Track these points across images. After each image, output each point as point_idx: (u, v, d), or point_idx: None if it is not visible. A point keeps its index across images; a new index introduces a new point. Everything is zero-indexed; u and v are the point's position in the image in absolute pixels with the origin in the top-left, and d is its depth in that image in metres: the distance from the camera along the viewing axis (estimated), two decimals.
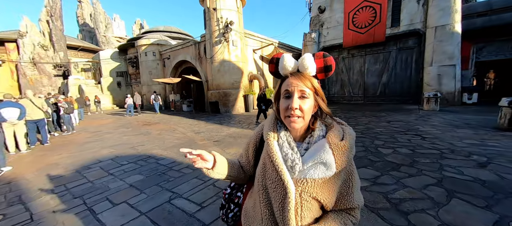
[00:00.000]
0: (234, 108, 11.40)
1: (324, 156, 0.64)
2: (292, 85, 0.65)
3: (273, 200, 0.68)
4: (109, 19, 38.30)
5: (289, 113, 0.65)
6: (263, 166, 0.72)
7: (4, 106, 4.84)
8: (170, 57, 15.27)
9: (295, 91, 0.65)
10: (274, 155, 0.67)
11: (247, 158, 0.85)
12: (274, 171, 0.67)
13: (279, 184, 0.66)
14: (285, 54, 0.69)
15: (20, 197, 2.84)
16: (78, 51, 25.26)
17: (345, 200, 0.69)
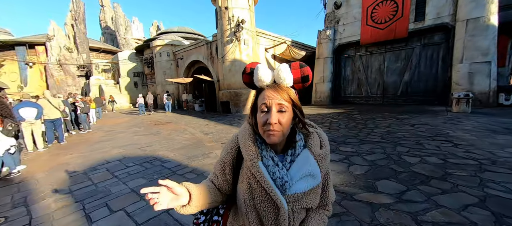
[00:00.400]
0: (245, 108, 11.21)
1: (311, 168, 0.66)
2: (269, 98, 0.63)
3: (265, 219, 0.65)
4: (129, 22, 40.03)
5: (268, 128, 0.62)
6: (249, 186, 0.67)
7: (22, 106, 5.03)
8: (183, 58, 15.46)
9: (273, 105, 0.62)
10: (262, 177, 0.63)
11: (224, 178, 0.75)
12: (263, 191, 0.64)
13: (270, 203, 0.64)
14: (259, 65, 0.67)
15: (26, 199, 2.84)
16: (99, 52, 26.64)
17: (323, 198, 0.75)
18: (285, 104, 0.63)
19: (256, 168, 0.64)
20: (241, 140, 0.70)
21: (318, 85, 13.23)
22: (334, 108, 10.53)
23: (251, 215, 0.67)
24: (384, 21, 10.70)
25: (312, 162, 0.67)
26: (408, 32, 10.15)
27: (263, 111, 0.63)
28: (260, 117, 0.64)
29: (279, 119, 0.62)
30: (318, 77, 13.17)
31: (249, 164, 0.65)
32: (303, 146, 0.70)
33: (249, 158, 0.66)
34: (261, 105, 0.64)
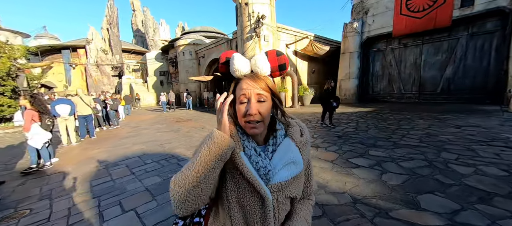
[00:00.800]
0: None
1: (293, 155, 0.66)
2: (248, 89, 0.61)
3: (249, 214, 0.62)
4: (157, 24, 42.43)
5: (249, 119, 0.61)
6: (232, 181, 0.63)
7: (58, 103, 5.45)
8: (205, 56, 15.74)
9: (252, 95, 0.61)
10: (245, 167, 0.61)
11: None
12: (247, 183, 0.61)
13: (254, 196, 0.62)
14: (235, 54, 0.65)
15: (51, 192, 2.97)
16: (130, 54, 28.66)
17: (307, 188, 0.75)
18: (264, 94, 0.62)
19: (239, 159, 0.61)
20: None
21: (343, 82, 12.38)
22: (361, 107, 9.70)
23: (234, 212, 0.63)
24: (422, 9, 9.47)
25: (294, 149, 0.67)
26: (452, 20, 8.84)
27: (242, 102, 0.62)
28: (240, 108, 0.62)
29: (259, 109, 0.61)
30: (343, 74, 12.32)
31: (231, 156, 0.62)
32: (284, 135, 0.71)
33: None
34: (240, 96, 0.62)
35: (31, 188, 3.13)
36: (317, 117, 7.75)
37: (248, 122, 0.61)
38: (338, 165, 3.26)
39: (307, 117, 8.13)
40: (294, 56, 13.09)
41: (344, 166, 3.18)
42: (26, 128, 3.68)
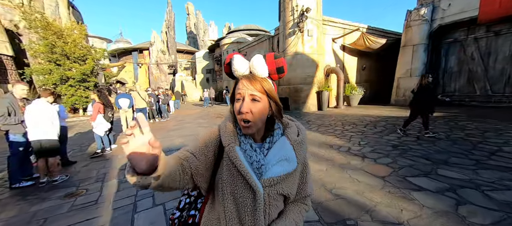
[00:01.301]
0: (305, 106, 10.33)
1: (286, 152, 0.68)
2: (243, 88, 0.65)
3: (241, 206, 0.65)
4: (206, 26, 45.85)
5: (241, 117, 0.65)
6: (228, 173, 0.67)
7: (120, 97, 6.34)
8: (247, 54, 15.98)
9: (246, 95, 0.64)
10: (238, 160, 0.65)
11: (205, 161, 0.68)
12: (240, 176, 0.65)
13: (247, 188, 0.64)
14: (235, 55, 0.68)
15: (105, 175, 3.39)
16: (183, 54, 31.86)
17: (301, 189, 0.76)
18: (257, 95, 0.64)
19: (233, 152, 0.65)
20: (222, 127, 0.72)
21: (402, 81, 10.52)
22: None
23: (227, 203, 0.66)
24: None
25: (288, 147, 0.70)
26: None
27: (238, 100, 0.66)
28: (235, 105, 0.67)
29: (251, 108, 0.64)
30: (403, 70, 10.45)
31: (227, 149, 0.66)
32: (281, 134, 0.73)
33: (226, 143, 0.67)
34: (236, 95, 0.66)
35: (92, 169, 3.67)
36: (365, 121, 6.76)
37: (241, 120, 0.65)
38: (391, 183, 2.63)
39: (354, 119, 7.20)
40: (341, 52, 11.88)
41: (400, 186, 2.54)
42: (93, 118, 4.36)
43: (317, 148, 4.31)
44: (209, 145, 0.70)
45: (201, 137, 0.72)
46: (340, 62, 11.82)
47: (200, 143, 0.70)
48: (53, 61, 10.12)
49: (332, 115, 8.48)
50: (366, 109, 9.46)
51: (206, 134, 0.73)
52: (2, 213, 2.38)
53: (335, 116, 8.31)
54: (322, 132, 5.72)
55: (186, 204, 0.83)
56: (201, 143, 0.70)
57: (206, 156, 0.69)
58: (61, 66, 10.29)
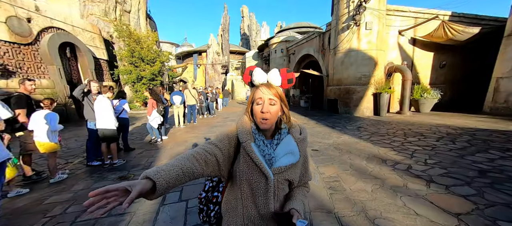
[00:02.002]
0: (357, 109, 9.10)
1: (292, 147, 0.87)
2: (263, 94, 0.84)
3: (255, 189, 0.82)
4: (259, 27, 47.12)
5: (262, 116, 0.83)
6: (244, 164, 0.83)
7: (174, 94, 7.13)
8: (295, 52, 15.42)
9: (266, 99, 0.83)
10: (254, 154, 0.81)
11: (228, 155, 0.87)
12: (255, 166, 0.81)
13: (260, 175, 0.81)
14: (256, 68, 0.87)
15: (151, 164, 3.82)
16: (236, 54, 33.76)
17: (303, 176, 0.95)
18: (274, 99, 0.84)
19: (250, 147, 0.82)
20: (240, 127, 0.88)
21: (504, 82, 7.82)
22: None
23: (243, 188, 0.84)
24: None
25: (293, 143, 0.88)
26: None
27: (259, 103, 0.84)
28: (256, 107, 0.84)
29: (270, 109, 0.82)
30: (507, 68, 7.75)
31: (244, 145, 0.83)
32: (286, 133, 0.91)
33: (244, 140, 0.84)
34: (257, 99, 0.85)
35: (144, 157, 4.21)
36: (438, 132, 5.33)
37: (260, 118, 0.83)
38: None
39: (422, 130, 5.80)
40: (410, 46, 9.85)
41: None
42: (148, 112, 5.03)
43: (363, 161, 3.63)
44: (231, 141, 0.86)
45: (225, 134, 0.87)
46: (408, 58, 9.83)
47: (224, 139, 0.85)
48: (133, 63, 12.43)
49: (392, 122, 7.12)
50: (442, 118, 7.52)
51: (228, 131, 0.88)
52: (75, 186, 2.98)
53: (396, 123, 6.95)
54: (375, 142, 4.83)
55: (210, 187, 1.06)
56: (225, 139, 0.85)
57: (229, 150, 0.85)
58: (138, 68, 12.52)
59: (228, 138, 0.86)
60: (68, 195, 2.71)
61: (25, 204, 2.49)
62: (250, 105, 0.87)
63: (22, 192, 2.77)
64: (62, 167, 3.65)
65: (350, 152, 4.18)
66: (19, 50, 7.58)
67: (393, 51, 9.70)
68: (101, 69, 11.72)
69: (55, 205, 2.47)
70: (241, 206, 0.84)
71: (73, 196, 2.68)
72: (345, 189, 2.69)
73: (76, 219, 2.19)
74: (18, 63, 7.51)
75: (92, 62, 10.50)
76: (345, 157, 3.90)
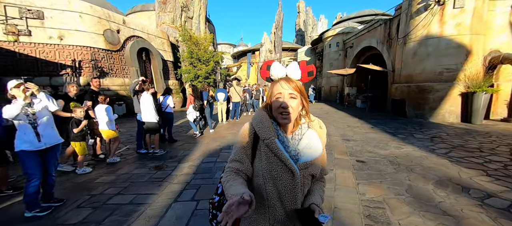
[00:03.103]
0: (435, 113, 7.10)
1: (315, 141, 0.84)
2: (283, 88, 0.78)
3: (282, 187, 0.78)
4: (316, 21, 44.52)
5: (282, 111, 0.78)
6: (268, 162, 0.79)
7: (218, 91, 7.47)
8: (353, 45, 13.54)
9: (286, 93, 0.78)
10: (279, 151, 0.77)
11: (249, 162, 0.85)
12: (281, 163, 0.77)
13: (286, 172, 0.78)
14: (275, 62, 0.84)
15: (184, 157, 4.04)
16: (288, 51, 33.06)
17: (323, 169, 0.91)
18: (295, 93, 0.79)
19: (275, 144, 0.77)
20: (258, 124, 0.82)
21: None
22: None
23: (268, 186, 0.79)
24: None
25: (315, 137, 0.85)
26: None
27: (278, 99, 0.79)
28: (276, 102, 0.79)
29: (290, 104, 0.78)
30: None
31: (267, 142, 0.78)
32: (307, 127, 0.87)
33: (267, 137, 0.78)
34: (276, 94, 0.79)
35: (181, 150, 4.52)
36: None
37: (281, 113, 0.78)
38: None
39: None
40: None
41: None
42: (187, 107, 5.39)
43: (430, 185, 2.67)
44: (247, 146, 0.83)
45: (238, 144, 0.84)
46: None
47: (240, 149, 0.83)
48: (191, 63, 13.96)
49: (492, 133, 5.16)
50: None
51: (241, 138, 0.84)
52: (119, 169, 3.45)
53: (498, 135, 4.99)
54: (456, 159, 3.54)
55: (222, 190, 0.97)
56: (240, 148, 0.83)
57: (247, 155, 0.83)
58: (196, 67, 13.97)
59: (242, 144, 0.83)
60: (112, 177, 3.15)
61: (83, 181, 3.03)
62: (269, 100, 0.83)
63: (87, 171, 3.40)
64: (118, 152, 4.34)
65: (411, 170, 3.18)
66: (111, 56, 9.71)
67: (500, 35, 7.01)
68: (168, 69, 13.69)
69: (99, 185, 2.89)
70: (266, 207, 0.81)
71: (115, 179, 3.08)
72: (391, 222, 1.99)
73: (107, 201, 2.47)
74: (110, 66, 9.65)
75: (161, 64, 12.39)
76: (402, 176, 2.98)
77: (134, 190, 2.72)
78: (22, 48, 7.65)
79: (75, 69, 8.54)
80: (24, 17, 7.69)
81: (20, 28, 7.52)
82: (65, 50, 8.42)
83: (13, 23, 7.38)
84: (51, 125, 2.18)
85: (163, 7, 15.70)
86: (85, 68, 8.77)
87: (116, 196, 2.57)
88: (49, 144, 2.14)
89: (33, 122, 2.05)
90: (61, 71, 8.29)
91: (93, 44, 8.99)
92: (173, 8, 15.63)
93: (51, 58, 8.19)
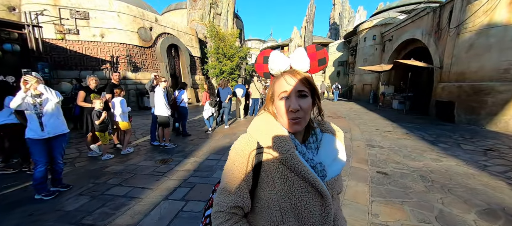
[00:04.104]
0: (494, 119, 5.78)
1: (339, 148, 0.67)
2: (288, 85, 0.59)
3: (308, 218, 0.57)
4: (352, 13, 41.24)
5: (291, 115, 0.59)
6: (285, 186, 0.58)
7: (237, 87, 7.37)
8: (393, 38, 11.98)
9: (293, 91, 0.59)
10: (304, 166, 0.57)
11: (248, 195, 0.61)
12: (305, 184, 0.58)
13: (312, 195, 0.58)
14: (274, 52, 0.64)
15: (191, 153, 4.03)
16: None
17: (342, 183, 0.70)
18: (304, 90, 0.60)
19: (296, 158, 0.57)
20: (266, 134, 0.61)
21: None
22: None
23: (288, 218, 0.58)
24: None
25: (337, 142, 0.67)
26: None
27: (283, 98, 0.60)
28: (281, 104, 0.61)
29: (301, 104, 0.59)
30: None
31: (285, 157, 0.57)
32: (320, 132, 0.69)
33: (285, 150, 0.58)
34: (280, 93, 0.60)
35: (191, 145, 4.55)
36: None
37: (290, 119, 0.59)
38: None
39: None
40: None
41: None
42: (203, 103, 5.40)
43: (472, 214, 2.09)
44: (248, 171, 0.60)
45: (234, 169, 0.60)
46: None
47: (237, 176, 0.60)
48: (217, 59, 14.24)
49: None
50: None
51: (236, 159, 0.61)
52: (127, 161, 3.60)
53: None
54: None
55: None
56: (238, 175, 0.60)
57: (247, 183, 0.61)
58: (221, 63, 14.21)
59: (243, 176, 0.59)
60: (120, 167, 3.30)
61: (95, 169, 3.24)
62: (270, 102, 0.65)
63: (110, 157, 3.65)
64: (134, 143, 4.58)
65: (449, 190, 2.55)
66: (143, 52, 10.48)
67: None
68: (195, 64, 14.23)
69: (106, 174, 3.04)
70: None
71: (122, 169, 3.21)
72: None
73: (106, 191, 2.55)
74: (142, 61, 10.42)
75: (189, 59, 12.93)
76: (434, 197, 2.40)
77: (133, 183, 2.77)
78: (72, 45, 8.75)
79: (113, 64, 9.47)
80: (74, 18, 8.77)
81: (70, 28, 8.62)
82: (105, 47, 9.37)
83: (62, 23, 8.49)
84: (55, 115, 2.32)
85: (193, 5, 16.31)
86: (121, 63, 9.64)
87: (115, 187, 2.65)
88: (52, 134, 2.28)
89: (39, 112, 2.20)
90: (102, 66, 9.29)
91: (128, 41, 9.80)
92: (203, 5, 16.11)
93: (94, 54, 9.21)
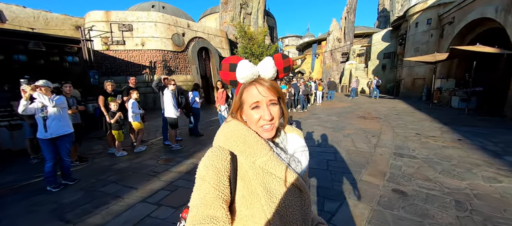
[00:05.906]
0: None
1: (300, 143, 0.69)
2: (260, 95, 0.60)
3: (291, 213, 0.59)
4: None
5: (262, 123, 0.61)
6: (265, 190, 0.57)
7: None
8: (454, 19, 9.67)
9: (264, 101, 0.60)
10: (283, 165, 0.60)
11: (227, 209, 0.56)
12: (285, 182, 0.59)
13: (293, 193, 0.60)
14: (242, 61, 0.63)
15: (192, 154, 4.08)
16: (362, 38, 28.13)
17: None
18: (274, 99, 0.62)
19: (276, 160, 0.60)
20: (240, 142, 0.59)
21: None
22: None
23: (274, 223, 0.57)
24: None
25: (298, 138, 0.70)
26: None
27: (255, 107, 0.61)
28: (253, 113, 0.61)
29: (272, 112, 0.60)
30: None
31: (264, 161, 0.58)
32: (284, 133, 0.72)
33: (263, 154, 0.59)
34: (252, 103, 0.61)
35: (197, 145, 4.62)
36: None
37: (262, 127, 0.61)
38: None
39: None
40: None
41: None
42: (220, 103, 5.40)
43: (218, 185, 1.37)
44: (224, 184, 0.56)
45: (210, 185, 0.54)
46: None
47: (213, 192, 0.54)
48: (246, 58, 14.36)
49: None
50: None
51: (211, 175, 0.55)
52: (135, 159, 3.86)
53: None
54: None
55: None
56: (215, 191, 0.54)
57: (229, 198, 0.57)
58: None
59: (220, 191, 0.54)
60: (125, 165, 3.57)
61: (105, 165, 3.60)
62: (237, 110, 0.64)
63: (124, 154, 4.05)
64: (148, 142, 4.94)
65: None
66: (177, 56, 11.39)
67: None
68: None
69: (110, 170, 3.33)
70: None
71: (126, 167, 3.47)
72: None
73: (101, 187, 2.77)
74: (176, 65, 11.35)
75: (218, 61, 13.43)
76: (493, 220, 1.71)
77: (127, 181, 2.94)
78: (120, 54, 10.20)
79: (151, 69, 10.62)
80: (121, 30, 10.20)
81: (117, 39, 10.06)
82: (145, 54, 10.58)
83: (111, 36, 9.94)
84: (58, 118, 2.63)
85: (224, 7, 16.88)
86: (158, 67, 10.73)
87: (110, 184, 2.86)
88: (55, 134, 2.60)
89: (44, 115, 2.53)
90: (143, 71, 10.53)
91: (163, 47, 10.81)
92: (233, 6, 16.50)
93: (137, 61, 10.51)
